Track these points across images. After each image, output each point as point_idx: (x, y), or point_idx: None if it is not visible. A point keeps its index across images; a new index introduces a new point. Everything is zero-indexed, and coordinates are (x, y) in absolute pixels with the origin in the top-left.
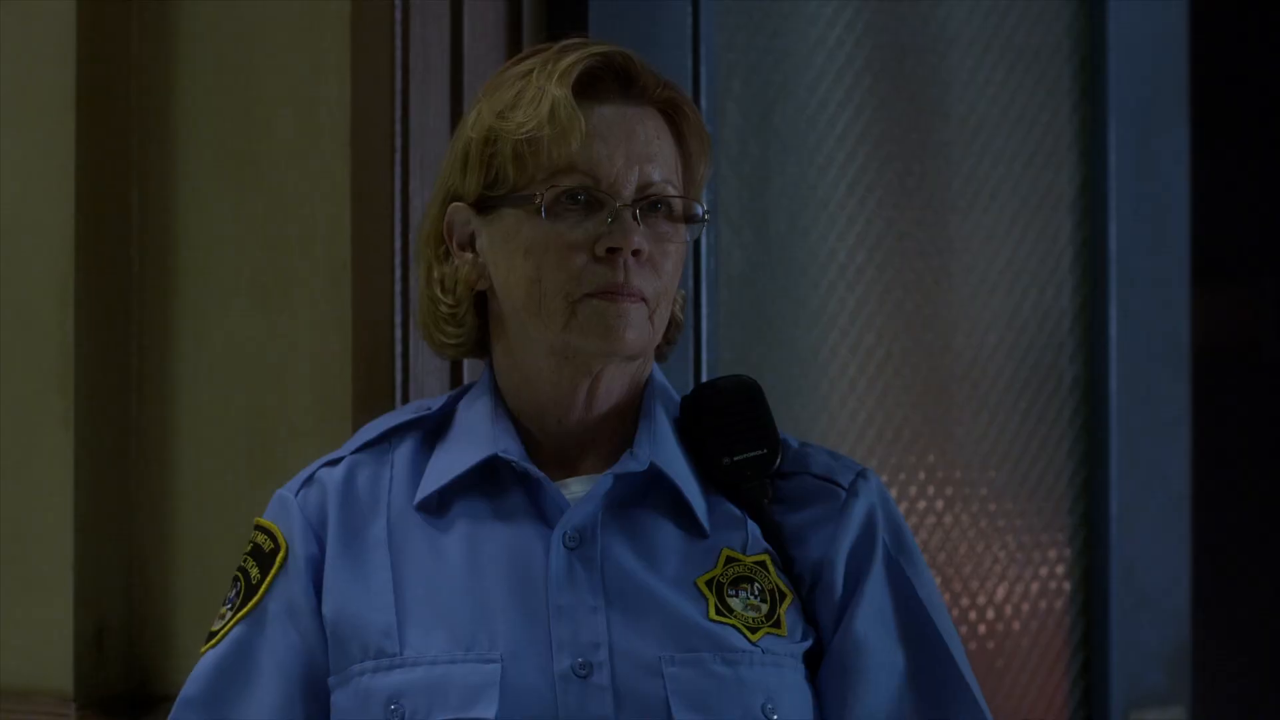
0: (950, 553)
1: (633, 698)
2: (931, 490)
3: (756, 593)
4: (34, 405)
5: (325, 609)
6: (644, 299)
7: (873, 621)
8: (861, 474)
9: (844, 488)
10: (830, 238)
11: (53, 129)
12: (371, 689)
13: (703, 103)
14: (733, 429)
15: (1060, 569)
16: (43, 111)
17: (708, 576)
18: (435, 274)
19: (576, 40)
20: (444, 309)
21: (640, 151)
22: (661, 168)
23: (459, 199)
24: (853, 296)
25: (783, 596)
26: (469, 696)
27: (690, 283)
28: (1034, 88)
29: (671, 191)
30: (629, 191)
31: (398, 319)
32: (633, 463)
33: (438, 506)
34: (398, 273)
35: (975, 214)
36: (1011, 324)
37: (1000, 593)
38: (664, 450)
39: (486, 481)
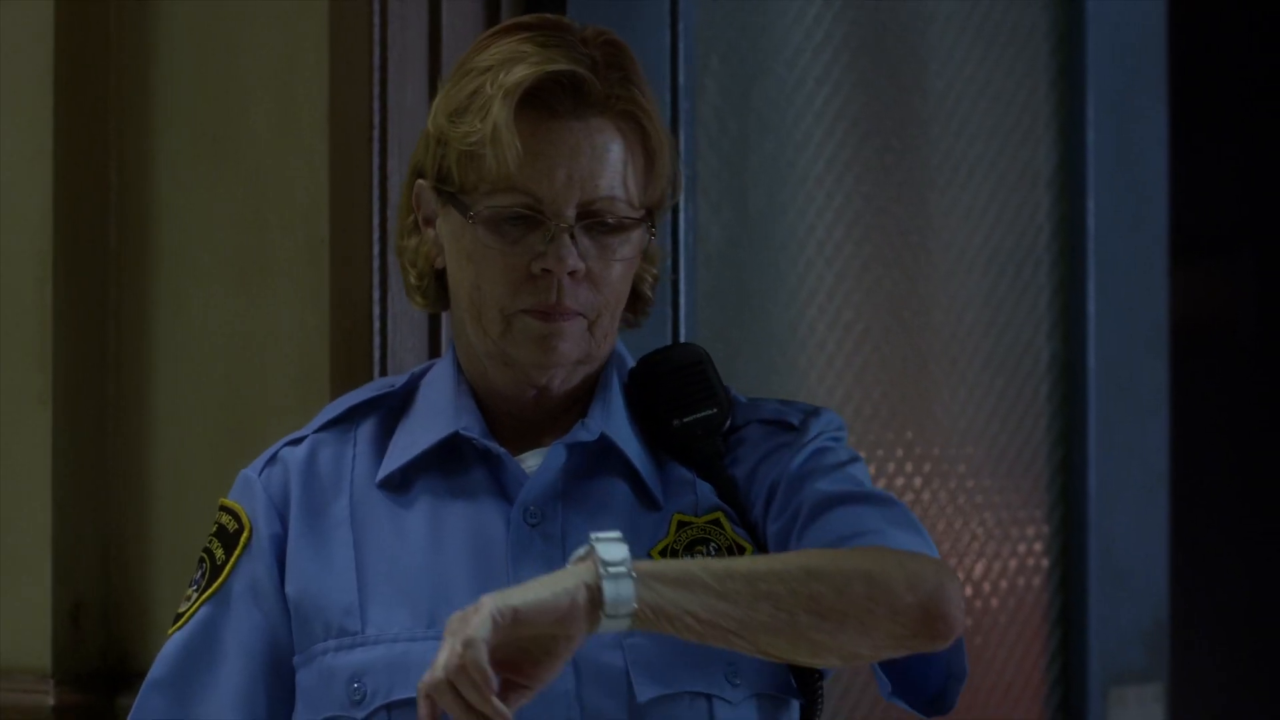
0: (928, 529)
1: (593, 670)
2: (910, 467)
3: (713, 552)
4: (12, 384)
5: (288, 588)
6: (581, 314)
7: (811, 474)
8: (814, 412)
9: (795, 426)
10: (809, 215)
11: (31, 111)
12: (334, 668)
13: (681, 79)
14: (681, 392)
15: (1038, 546)
16: (21, 93)
17: (661, 545)
18: (404, 243)
19: (545, 37)
20: (411, 279)
21: (585, 168)
22: (610, 181)
23: (423, 176)
24: (831, 273)
25: (741, 550)
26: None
27: (669, 260)
28: (1012, 65)
29: (618, 208)
30: (569, 210)
31: (376, 297)
32: (583, 433)
33: (400, 484)
34: (375, 251)
35: (953, 191)
36: (989, 301)
37: (978, 570)
38: (615, 420)
39: (449, 458)
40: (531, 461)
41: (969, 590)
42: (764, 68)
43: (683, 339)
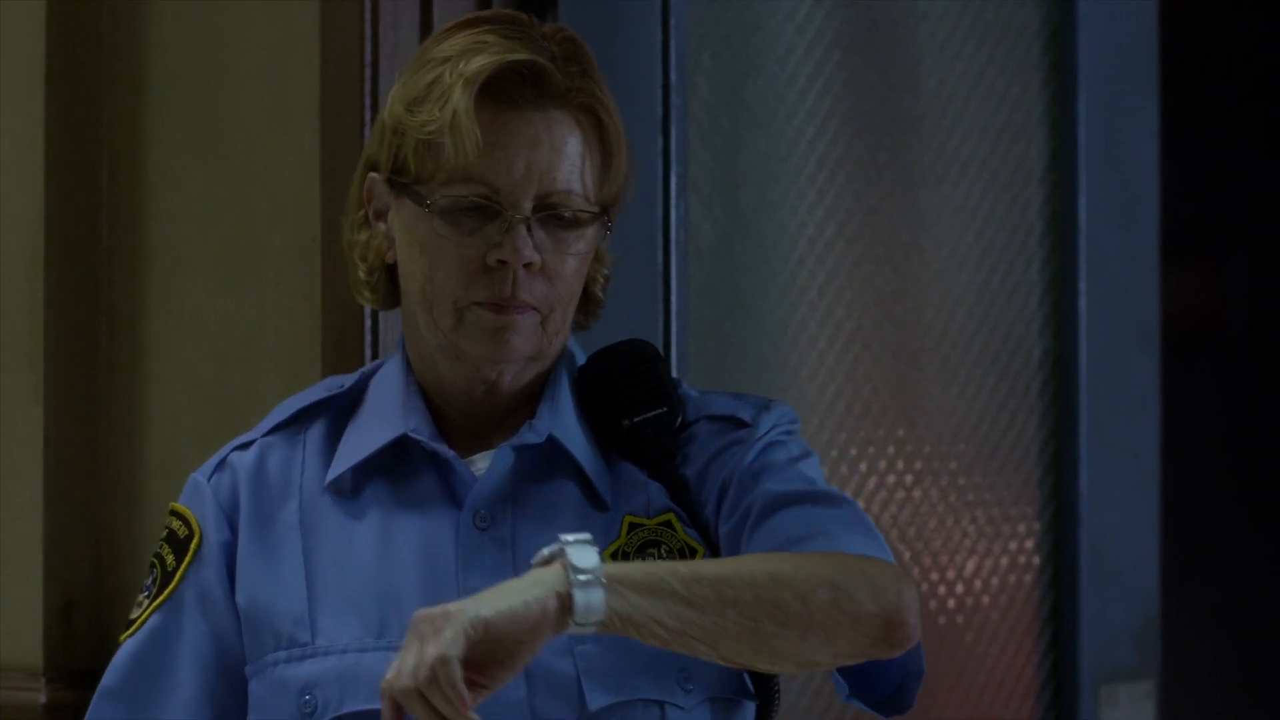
0: (919, 527)
1: (544, 679)
2: (901, 464)
3: (664, 555)
4: (4, 382)
5: (239, 597)
6: (534, 308)
7: (762, 473)
8: (765, 406)
9: (746, 422)
10: (800, 211)
11: (22, 104)
12: (285, 679)
13: (673, 76)
14: (630, 391)
15: (1030, 543)
16: (12, 86)
17: (612, 548)
18: (354, 237)
19: (505, 29)
20: (360, 274)
21: (544, 160)
22: (568, 174)
23: (376, 170)
24: (823, 270)
25: (693, 553)
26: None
27: (659, 256)
28: (1004, 63)
29: (575, 201)
30: (527, 202)
31: None
32: (530, 434)
33: (348, 488)
34: None
35: (945, 188)
36: (981, 298)
37: (970, 567)
38: (563, 421)
39: (398, 460)
40: (481, 464)
41: (960, 587)
42: (756, 65)
43: (674, 335)
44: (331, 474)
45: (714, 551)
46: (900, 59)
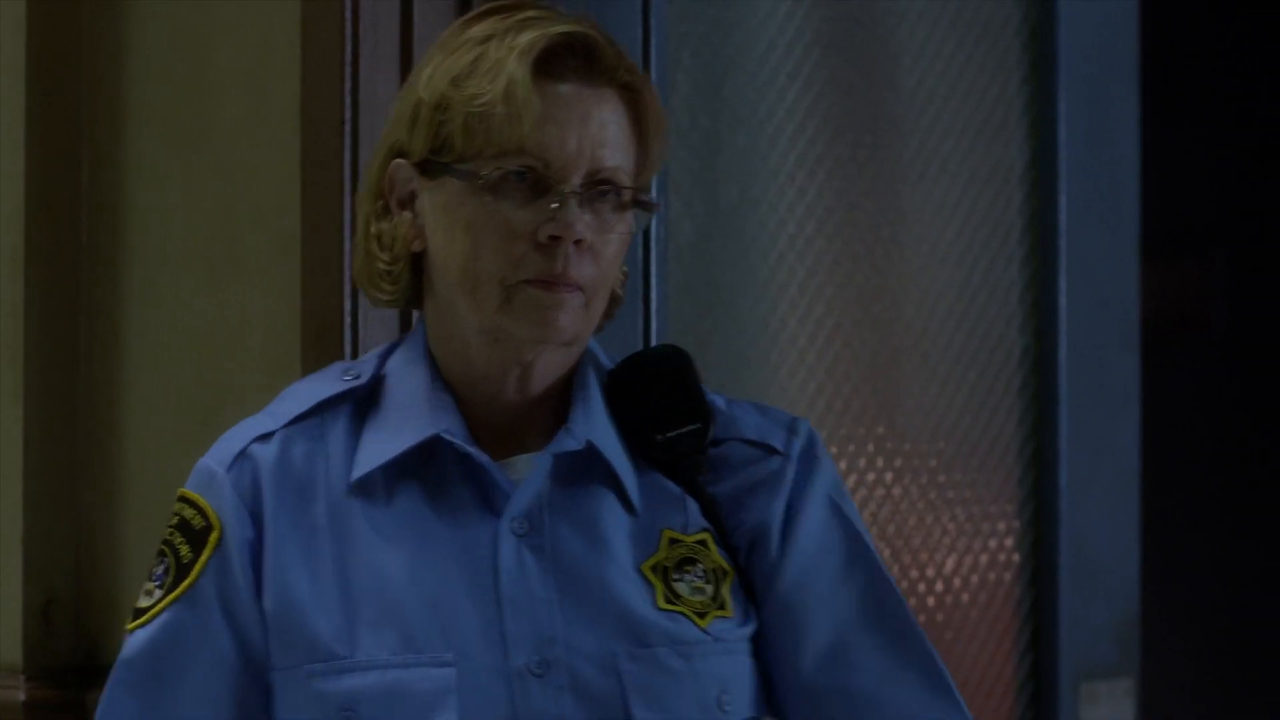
0: (899, 524)
1: (591, 696)
2: (880, 461)
3: (700, 574)
4: None
5: (266, 599)
6: (580, 288)
7: (814, 555)
8: (792, 429)
9: (779, 452)
10: (780, 209)
11: (2, 101)
12: (324, 693)
13: (653, 74)
14: (664, 403)
15: (1009, 541)
16: None
17: (652, 561)
18: (373, 229)
19: (540, 11)
20: (380, 265)
21: (594, 136)
22: (614, 153)
23: (402, 155)
24: (803, 267)
25: (724, 574)
26: (426, 705)
27: (639, 253)
28: (984, 60)
29: (623, 179)
30: (578, 178)
31: (347, 290)
32: (570, 441)
33: (377, 489)
34: (347, 244)
35: (925, 186)
36: (961, 295)
37: (949, 564)
38: (598, 426)
39: (425, 461)
40: (516, 468)
41: (940, 585)
42: (736, 63)
43: (654, 332)
44: (357, 473)
45: (741, 576)
46: (880, 57)
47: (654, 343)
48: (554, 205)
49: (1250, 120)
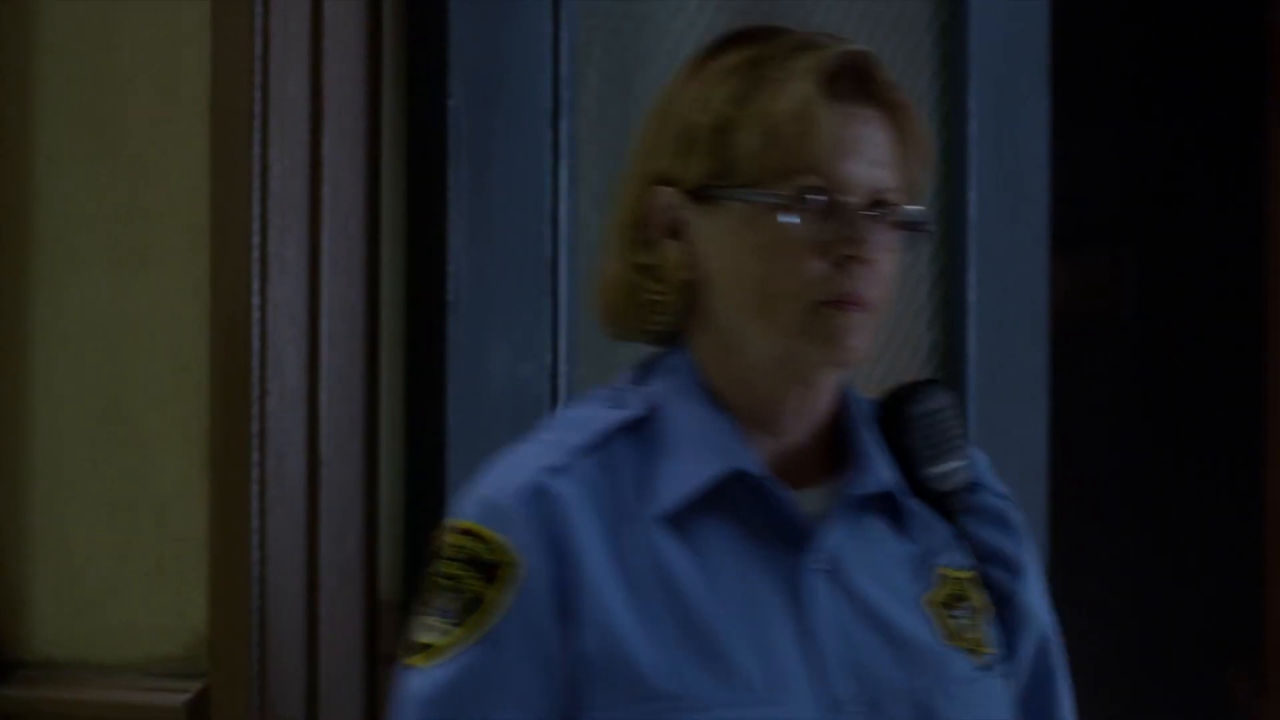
0: None
1: None
2: None
3: (969, 610)
4: None
5: (588, 640)
6: (871, 308)
7: (1048, 621)
8: (1010, 503)
9: (1014, 526)
10: None
11: None
12: None
13: (563, 68)
14: (930, 437)
15: None
16: None
17: (930, 596)
18: (641, 260)
19: (803, 33)
20: (652, 297)
21: (875, 156)
22: (891, 174)
23: (668, 183)
24: None
25: (989, 611)
26: None
27: (549, 248)
28: (894, 56)
29: (899, 199)
30: (865, 197)
31: (255, 287)
32: (871, 482)
33: (680, 524)
34: (255, 240)
35: None
36: None
37: None
38: (885, 464)
39: (718, 495)
40: (815, 504)
41: None
42: (646, 57)
43: (562, 330)
44: (659, 509)
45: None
46: None
47: (564, 339)
48: (848, 224)
49: (1159, 116)
